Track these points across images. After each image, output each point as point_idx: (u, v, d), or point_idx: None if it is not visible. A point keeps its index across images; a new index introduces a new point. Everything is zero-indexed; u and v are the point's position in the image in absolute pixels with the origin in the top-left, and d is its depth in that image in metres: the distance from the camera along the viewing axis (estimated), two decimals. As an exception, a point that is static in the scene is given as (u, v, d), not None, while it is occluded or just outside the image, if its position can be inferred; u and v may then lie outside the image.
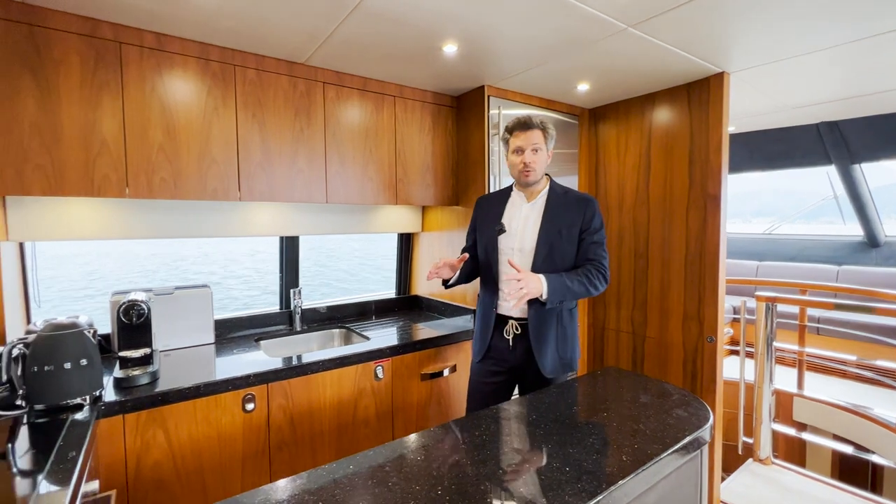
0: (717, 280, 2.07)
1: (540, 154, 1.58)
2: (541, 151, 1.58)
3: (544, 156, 1.60)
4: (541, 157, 1.58)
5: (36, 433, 1.11)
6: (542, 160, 1.59)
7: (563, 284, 1.47)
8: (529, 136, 1.56)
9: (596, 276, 1.53)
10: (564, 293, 1.48)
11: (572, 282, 1.49)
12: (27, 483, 0.90)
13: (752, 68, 1.97)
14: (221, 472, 1.50)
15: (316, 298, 2.58)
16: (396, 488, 0.85)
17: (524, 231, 1.61)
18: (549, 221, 1.57)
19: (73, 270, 13.38)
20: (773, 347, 2.71)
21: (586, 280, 1.51)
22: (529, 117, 1.58)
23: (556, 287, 1.46)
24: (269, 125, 1.82)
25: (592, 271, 1.54)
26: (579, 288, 1.50)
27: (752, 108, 2.74)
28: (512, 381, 1.66)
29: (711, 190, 2.08)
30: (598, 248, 1.58)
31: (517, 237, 1.61)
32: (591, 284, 1.52)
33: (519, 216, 1.63)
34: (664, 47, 1.74)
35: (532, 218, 1.61)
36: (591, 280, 1.52)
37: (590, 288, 1.52)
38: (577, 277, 1.51)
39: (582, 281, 1.51)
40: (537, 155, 1.57)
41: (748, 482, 2.49)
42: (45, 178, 1.42)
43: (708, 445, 1.16)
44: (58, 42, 1.42)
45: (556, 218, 1.57)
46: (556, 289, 1.46)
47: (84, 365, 1.26)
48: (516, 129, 1.59)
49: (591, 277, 1.52)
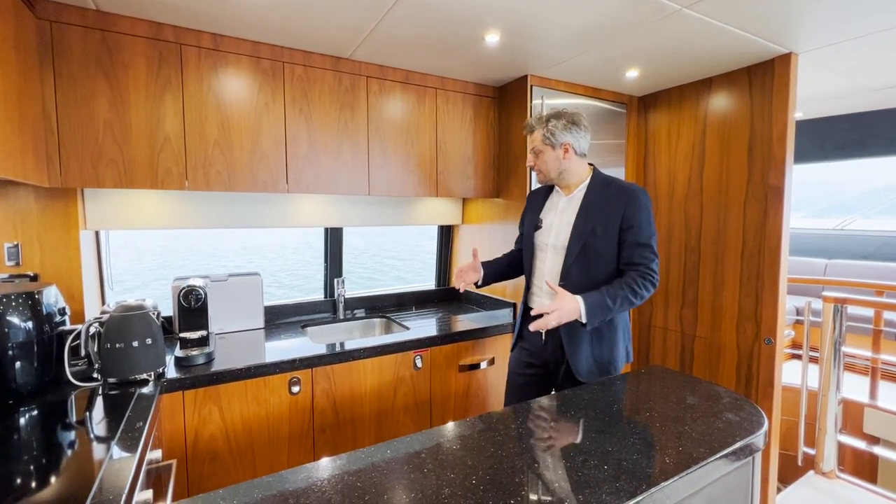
0: (777, 278, 1.93)
1: (542, 156, 1.53)
2: (542, 153, 1.53)
3: (549, 156, 1.52)
4: (543, 157, 1.53)
5: (109, 403, 1.23)
6: (546, 160, 1.53)
7: (603, 305, 1.38)
8: (530, 140, 1.57)
9: (642, 285, 1.41)
10: (605, 313, 1.39)
11: (614, 301, 1.39)
12: (102, 447, 1.00)
13: (825, 47, 1.80)
14: (269, 450, 1.59)
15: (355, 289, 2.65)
16: (431, 475, 0.86)
17: (558, 227, 1.55)
18: (584, 218, 1.49)
19: (136, 257, 14.55)
20: (842, 353, 2.50)
21: (630, 293, 1.40)
22: (527, 122, 1.59)
23: (595, 309, 1.37)
24: (315, 119, 1.88)
25: (638, 280, 1.42)
26: (623, 304, 1.40)
27: (824, 91, 2.50)
28: (546, 375, 1.62)
29: (774, 181, 1.93)
30: (644, 250, 1.44)
31: (551, 233, 1.57)
32: (637, 296, 1.41)
33: (555, 211, 1.59)
34: (723, 28, 1.62)
35: (567, 213, 1.55)
36: (636, 292, 1.41)
37: (634, 301, 1.41)
38: (621, 292, 1.40)
39: (626, 296, 1.40)
40: (539, 157, 1.54)
41: (808, 495, 2.32)
42: (117, 171, 1.55)
43: (762, 453, 1.09)
44: (126, 46, 1.54)
45: (591, 214, 1.48)
46: (596, 311, 1.37)
47: (149, 344, 1.37)
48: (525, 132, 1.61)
49: (635, 289, 1.41)
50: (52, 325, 1.33)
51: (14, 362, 1.22)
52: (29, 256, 1.56)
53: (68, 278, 1.61)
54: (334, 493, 0.80)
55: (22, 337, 1.23)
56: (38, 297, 1.29)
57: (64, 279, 1.60)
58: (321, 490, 0.81)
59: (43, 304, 1.30)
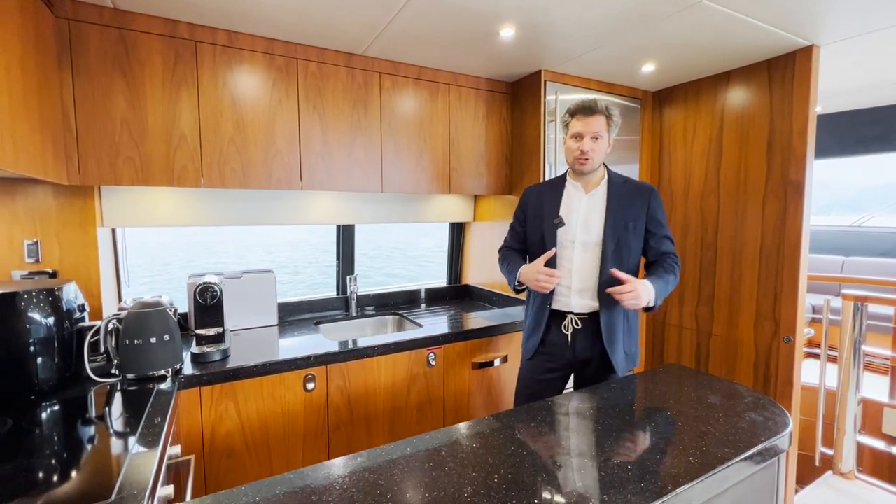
0: (797, 275, 1.90)
1: (600, 142, 1.48)
2: (601, 140, 1.47)
3: (604, 144, 1.49)
4: (600, 145, 1.48)
5: (128, 399, 1.24)
6: (601, 149, 1.49)
7: (663, 291, 1.46)
8: (591, 122, 1.46)
9: (679, 270, 1.53)
10: (664, 295, 1.47)
11: (667, 282, 1.48)
12: (123, 442, 1.01)
13: (849, 39, 1.76)
14: (285, 446, 1.60)
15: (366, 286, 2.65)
16: (453, 473, 0.85)
17: (587, 224, 1.53)
18: (615, 214, 1.50)
19: (151, 254, 14.72)
20: (862, 352, 2.45)
21: (674, 277, 1.51)
22: (595, 101, 1.47)
23: (660, 295, 1.45)
24: (328, 116, 1.87)
25: (675, 267, 1.53)
26: (673, 286, 1.51)
27: (846, 85, 2.44)
28: (566, 377, 1.61)
29: (794, 177, 1.89)
30: (669, 240, 1.56)
31: (578, 230, 1.53)
32: (677, 280, 1.53)
33: (578, 208, 1.55)
34: (743, 20, 1.59)
35: (595, 210, 1.53)
36: (677, 277, 1.52)
37: (676, 284, 1.53)
38: (672, 277, 1.50)
39: (674, 280, 1.51)
40: (597, 143, 1.47)
41: (827, 496, 2.29)
42: (133, 169, 1.56)
43: (785, 454, 1.07)
44: (143, 43, 1.54)
45: (621, 210, 1.50)
46: (660, 296, 1.45)
47: (167, 340, 1.38)
48: (578, 113, 1.48)
49: (677, 274, 1.52)
50: (72, 322, 1.34)
51: (36, 358, 1.23)
52: (48, 253, 1.58)
53: (86, 275, 1.62)
54: (356, 490, 0.80)
55: (43, 333, 1.25)
56: (58, 294, 1.30)
57: (82, 276, 1.61)
58: (343, 487, 0.80)
59: (63, 301, 1.31)
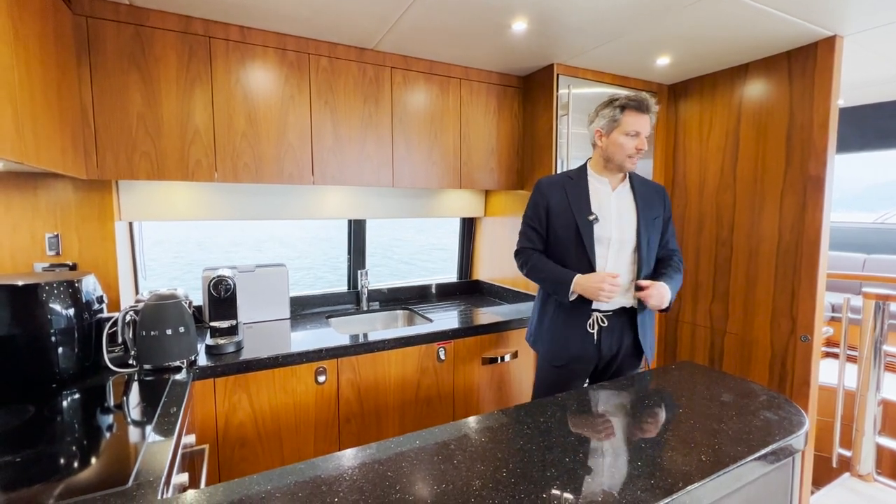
0: (815, 273, 1.85)
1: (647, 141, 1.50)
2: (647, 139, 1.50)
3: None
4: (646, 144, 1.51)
5: (145, 389, 1.27)
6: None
7: (675, 288, 1.51)
8: (646, 121, 1.46)
9: (682, 268, 1.58)
10: (675, 295, 1.52)
11: (678, 283, 1.53)
12: (140, 431, 1.03)
13: (875, 29, 1.70)
14: (296, 437, 1.62)
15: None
16: (462, 466, 0.86)
17: (620, 221, 1.51)
18: (646, 210, 1.54)
19: (165, 247, 15.03)
20: (883, 352, 2.39)
21: (680, 276, 1.55)
22: (647, 98, 1.47)
23: (673, 292, 1.50)
24: (339, 111, 1.88)
25: (681, 265, 1.58)
26: (679, 285, 1.55)
27: (870, 77, 2.37)
28: (588, 375, 1.59)
29: (814, 171, 1.84)
30: (674, 237, 1.64)
31: (612, 226, 1.50)
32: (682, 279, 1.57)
33: (608, 204, 1.52)
34: (763, 10, 1.54)
35: (626, 207, 1.53)
36: (681, 274, 1.56)
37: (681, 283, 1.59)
38: (679, 275, 1.54)
39: (681, 277, 1.55)
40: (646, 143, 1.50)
41: (844, 498, 2.24)
42: (149, 164, 1.58)
43: (800, 454, 1.05)
44: (158, 40, 1.56)
45: (647, 207, 1.55)
46: (673, 293, 1.50)
47: (182, 332, 1.41)
48: (634, 110, 1.45)
49: (681, 272, 1.56)
50: (91, 313, 1.38)
51: (57, 348, 1.27)
52: (68, 246, 1.62)
53: (104, 267, 1.66)
54: (365, 481, 0.80)
55: (63, 323, 1.28)
56: (77, 286, 1.33)
57: (100, 268, 1.65)
58: (352, 478, 0.81)
59: (82, 293, 1.35)
